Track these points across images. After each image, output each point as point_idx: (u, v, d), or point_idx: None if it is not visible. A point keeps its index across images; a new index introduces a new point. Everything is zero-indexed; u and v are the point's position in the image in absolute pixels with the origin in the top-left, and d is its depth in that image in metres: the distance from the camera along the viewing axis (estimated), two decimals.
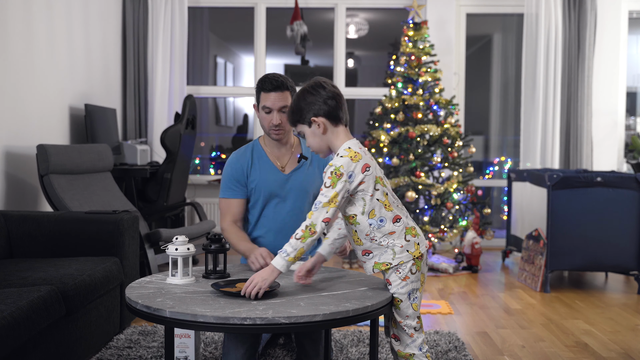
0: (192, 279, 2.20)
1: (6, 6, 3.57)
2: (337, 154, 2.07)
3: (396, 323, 2.13)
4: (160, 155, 5.42)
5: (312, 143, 2.13)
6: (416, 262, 2.08)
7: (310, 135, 2.12)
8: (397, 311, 2.10)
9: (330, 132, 2.10)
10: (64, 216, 3.11)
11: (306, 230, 1.98)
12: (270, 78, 2.55)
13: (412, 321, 2.11)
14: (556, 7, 5.57)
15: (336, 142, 2.10)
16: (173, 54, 5.64)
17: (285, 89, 2.55)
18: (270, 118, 2.54)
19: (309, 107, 2.09)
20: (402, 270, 2.07)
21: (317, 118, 2.08)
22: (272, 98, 2.53)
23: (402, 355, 2.13)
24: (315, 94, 2.10)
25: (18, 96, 3.71)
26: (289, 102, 2.53)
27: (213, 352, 2.89)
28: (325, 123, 2.09)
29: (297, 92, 2.16)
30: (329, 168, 2.03)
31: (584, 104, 5.59)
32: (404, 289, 2.08)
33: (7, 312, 1.98)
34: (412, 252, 2.07)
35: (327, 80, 2.16)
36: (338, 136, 2.11)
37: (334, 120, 2.10)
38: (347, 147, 2.07)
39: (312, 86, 2.12)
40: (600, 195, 4.19)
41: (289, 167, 2.64)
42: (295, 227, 2.19)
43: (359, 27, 7.19)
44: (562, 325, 3.46)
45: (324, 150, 2.14)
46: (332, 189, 1.99)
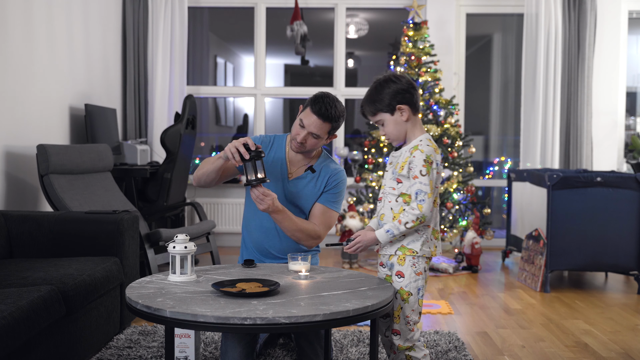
0: (193, 277, 2.20)
1: (6, 6, 3.57)
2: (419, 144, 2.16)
3: (400, 318, 2.19)
4: (160, 155, 5.43)
5: (392, 131, 2.21)
6: (428, 262, 2.21)
7: (391, 122, 2.20)
8: (405, 305, 2.18)
9: (412, 120, 2.20)
10: (64, 216, 3.11)
11: (417, 221, 2.11)
12: (324, 103, 2.52)
13: (416, 316, 2.20)
14: (556, 7, 5.57)
15: (414, 131, 2.21)
16: (173, 54, 5.64)
17: (328, 120, 2.53)
18: (299, 132, 2.55)
19: (393, 95, 2.17)
20: (418, 265, 2.19)
21: (403, 105, 2.17)
22: (311, 120, 2.53)
23: (403, 348, 2.20)
24: (398, 83, 2.18)
25: (18, 96, 3.71)
26: (324, 132, 2.55)
27: (213, 352, 2.89)
28: (409, 110, 2.18)
29: (375, 83, 2.22)
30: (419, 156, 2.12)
31: (584, 104, 5.59)
32: (415, 283, 2.18)
33: (7, 312, 1.98)
34: (431, 251, 2.20)
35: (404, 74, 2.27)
36: (416, 125, 2.22)
37: (416, 108, 2.21)
38: (427, 138, 2.19)
39: (394, 76, 2.20)
40: (600, 195, 4.19)
41: (296, 174, 2.66)
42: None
43: (359, 27, 7.19)
44: (562, 325, 3.46)
45: (401, 139, 2.22)
46: (428, 177, 2.12)
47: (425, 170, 2.11)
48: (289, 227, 2.54)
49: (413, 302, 2.19)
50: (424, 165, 2.11)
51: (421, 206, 2.10)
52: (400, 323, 2.19)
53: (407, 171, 2.16)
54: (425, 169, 2.11)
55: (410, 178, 2.15)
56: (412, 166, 2.14)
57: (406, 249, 2.18)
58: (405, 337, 2.20)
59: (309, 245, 2.63)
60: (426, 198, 2.10)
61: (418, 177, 2.11)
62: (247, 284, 2.05)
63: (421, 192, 2.11)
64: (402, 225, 2.12)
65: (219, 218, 5.89)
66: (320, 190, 2.64)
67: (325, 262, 5.17)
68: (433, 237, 2.21)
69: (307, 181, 2.65)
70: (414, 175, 2.13)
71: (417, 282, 2.18)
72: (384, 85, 2.19)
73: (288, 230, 2.56)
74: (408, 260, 2.18)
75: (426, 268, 2.20)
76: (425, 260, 2.19)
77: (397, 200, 2.19)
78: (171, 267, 2.20)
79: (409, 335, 2.20)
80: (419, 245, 2.17)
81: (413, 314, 2.19)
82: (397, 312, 2.20)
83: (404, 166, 2.17)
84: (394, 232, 2.13)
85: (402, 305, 2.19)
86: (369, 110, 2.23)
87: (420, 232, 2.17)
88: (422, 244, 2.18)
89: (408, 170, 2.15)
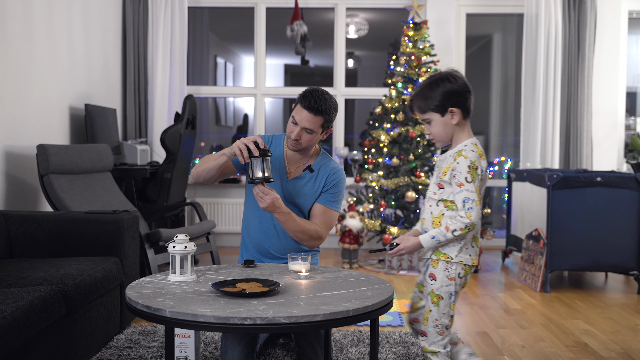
0: (193, 277, 2.20)
1: (6, 6, 3.57)
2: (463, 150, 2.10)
3: (428, 320, 2.16)
4: (160, 155, 5.43)
5: (439, 131, 2.14)
6: (467, 269, 2.15)
7: (440, 123, 2.13)
8: (434, 308, 2.14)
9: (461, 124, 2.13)
10: (64, 216, 3.11)
11: (465, 230, 2.05)
12: (313, 96, 2.52)
13: (447, 320, 2.16)
14: (556, 7, 5.57)
15: (461, 135, 2.14)
16: (173, 54, 5.64)
17: (319, 114, 2.52)
18: (293, 129, 2.55)
19: (449, 96, 2.10)
20: (451, 270, 2.13)
21: (455, 108, 2.10)
22: (303, 115, 2.52)
23: (427, 351, 2.17)
24: (454, 83, 2.11)
25: (18, 96, 3.71)
26: (317, 126, 2.53)
27: (213, 352, 2.89)
28: (460, 115, 2.11)
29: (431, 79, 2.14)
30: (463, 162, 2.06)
31: (584, 104, 5.59)
32: (447, 288, 2.14)
33: (7, 312, 1.98)
34: (472, 258, 2.14)
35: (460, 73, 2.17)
36: (464, 129, 2.15)
37: (467, 113, 2.14)
38: (473, 143, 2.12)
39: (452, 75, 2.12)
40: (600, 195, 4.19)
41: (294, 174, 2.66)
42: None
43: (359, 27, 7.19)
44: (562, 325, 3.46)
45: (446, 141, 2.17)
46: (474, 184, 2.05)
47: (470, 177, 2.05)
48: (291, 228, 2.55)
49: (443, 306, 2.14)
50: (469, 172, 2.05)
51: (470, 214, 2.04)
52: (428, 325, 2.16)
53: (450, 178, 2.10)
54: (470, 176, 2.05)
55: (454, 185, 2.09)
56: (455, 173, 2.08)
57: (441, 254, 2.13)
58: (432, 340, 2.17)
59: (310, 245, 2.63)
60: (474, 206, 2.05)
61: (464, 184, 2.05)
62: (247, 284, 2.05)
63: (468, 200, 2.05)
64: (450, 232, 2.06)
65: (219, 218, 5.89)
66: (319, 190, 2.64)
67: (325, 262, 5.17)
68: (475, 245, 2.16)
69: (305, 181, 2.65)
70: (458, 182, 2.07)
71: (449, 287, 2.14)
72: (438, 84, 2.11)
73: (291, 231, 2.56)
74: (441, 263, 2.14)
75: (462, 274, 2.14)
76: (463, 267, 2.13)
77: (437, 205, 2.15)
78: (171, 267, 2.20)
79: (436, 339, 2.16)
80: (455, 251, 2.12)
81: (443, 317, 2.15)
82: (426, 314, 2.16)
83: (446, 172, 2.11)
84: (439, 238, 2.08)
85: (431, 308, 2.15)
86: (418, 107, 2.15)
87: (459, 239, 2.12)
88: (459, 250, 2.12)
89: (451, 177, 2.10)
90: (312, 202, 2.65)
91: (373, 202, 5.16)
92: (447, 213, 2.10)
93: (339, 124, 6.07)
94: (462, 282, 2.15)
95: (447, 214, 2.10)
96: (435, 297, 2.15)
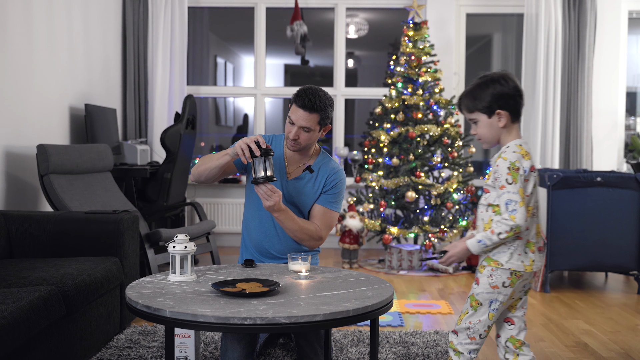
0: (193, 277, 2.20)
1: (6, 6, 3.57)
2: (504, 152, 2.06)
3: (462, 321, 2.12)
4: (160, 155, 5.43)
5: (485, 133, 2.11)
6: (512, 277, 2.06)
7: (486, 125, 2.10)
8: (472, 312, 2.10)
9: (508, 127, 2.10)
10: (64, 216, 3.11)
11: (510, 232, 1.99)
12: (306, 96, 2.52)
13: (482, 328, 2.10)
14: (556, 7, 5.57)
15: (508, 138, 2.11)
16: (173, 54, 5.64)
17: (314, 111, 2.51)
18: (290, 129, 2.55)
19: (497, 98, 2.07)
20: (496, 278, 2.07)
21: (503, 111, 2.07)
22: (299, 114, 2.52)
23: (453, 347, 2.14)
24: (505, 86, 2.07)
25: (18, 96, 3.71)
26: (314, 123, 2.53)
27: (213, 352, 2.89)
28: (508, 118, 2.08)
29: (481, 79, 2.11)
30: (503, 164, 2.02)
31: (584, 104, 5.59)
32: (488, 295, 2.08)
33: (7, 312, 1.98)
34: (524, 265, 2.05)
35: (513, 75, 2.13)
36: (512, 132, 2.11)
37: (516, 116, 2.11)
38: (518, 143, 2.08)
39: (503, 77, 2.08)
40: (600, 195, 4.19)
41: (294, 174, 2.66)
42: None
43: (359, 27, 7.19)
44: (562, 325, 3.46)
45: (493, 142, 2.13)
46: (516, 185, 2.00)
47: (511, 179, 2.00)
48: (291, 228, 2.54)
49: (481, 312, 2.09)
50: (509, 173, 2.00)
51: (514, 216, 1.98)
52: (461, 325, 2.12)
53: (493, 181, 2.06)
54: (510, 177, 2.00)
55: (497, 188, 2.04)
56: (497, 176, 2.04)
57: (491, 260, 2.07)
58: (460, 340, 2.12)
59: (310, 246, 2.63)
60: (518, 207, 1.98)
61: (505, 186, 2.00)
62: (247, 284, 2.05)
63: (511, 202, 1.99)
64: (495, 235, 2.00)
65: (219, 218, 5.89)
66: (318, 190, 2.64)
67: (325, 262, 5.17)
68: (529, 250, 2.07)
69: (305, 181, 2.65)
70: (500, 185, 2.02)
71: (491, 295, 2.07)
72: (489, 85, 2.07)
73: (290, 230, 2.56)
74: (487, 270, 2.08)
75: (507, 283, 2.05)
76: (509, 276, 2.05)
77: (486, 211, 2.10)
78: (171, 267, 2.20)
79: (464, 340, 2.11)
80: (505, 257, 2.05)
81: (479, 324, 2.09)
82: (463, 315, 2.13)
83: (490, 176, 2.08)
84: (486, 242, 2.02)
85: (468, 311, 2.11)
86: (466, 105, 2.12)
87: (508, 244, 2.05)
88: (509, 256, 2.05)
89: (494, 180, 2.06)
90: (311, 203, 2.65)
91: (373, 202, 5.16)
92: (495, 218, 2.05)
93: (338, 124, 6.07)
94: (508, 291, 2.06)
95: (495, 218, 2.05)
96: (474, 301, 2.10)
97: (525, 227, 2.01)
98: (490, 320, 2.10)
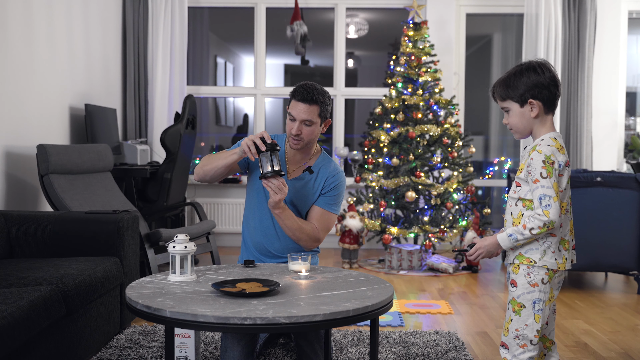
0: (194, 277, 2.20)
1: (6, 6, 3.57)
2: (539, 144, 1.99)
3: (509, 331, 2.03)
4: (160, 155, 5.43)
5: (516, 122, 2.04)
6: (550, 273, 2.00)
7: (518, 114, 2.02)
8: (516, 317, 2.01)
9: (541, 118, 2.02)
10: (64, 216, 3.11)
11: (544, 228, 1.93)
12: (303, 88, 2.54)
13: (531, 333, 2.01)
14: (556, 7, 5.57)
15: (541, 130, 2.03)
16: (173, 54, 5.64)
17: (314, 102, 2.53)
18: (292, 125, 2.56)
19: (530, 87, 1.99)
20: (534, 275, 2.00)
21: (535, 101, 2.00)
22: (299, 108, 2.54)
23: None
24: (541, 75, 2.00)
25: (18, 96, 3.71)
26: (314, 116, 2.54)
27: (213, 352, 2.89)
28: (540, 108, 2.00)
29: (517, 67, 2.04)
30: (537, 157, 1.95)
31: (584, 104, 5.59)
32: (530, 295, 2.00)
33: (7, 312, 1.98)
34: (558, 263, 2.00)
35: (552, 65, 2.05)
36: (545, 124, 2.03)
37: (550, 107, 2.03)
38: (553, 137, 2.00)
39: (540, 65, 2.01)
40: (600, 195, 4.19)
41: (294, 175, 2.66)
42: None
43: (359, 27, 7.18)
44: (562, 325, 3.46)
45: (525, 134, 2.06)
46: (550, 179, 1.93)
47: (545, 172, 1.93)
48: (290, 226, 2.55)
49: (526, 316, 2.00)
50: (544, 167, 1.93)
51: (547, 212, 1.91)
52: (508, 336, 2.03)
53: (526, 175, 1.99)
54: (545, 171, 1.93)
55: (530, 182, 1.97)
56: (530, 169, 1.96)
57: (523, 257, 2.00)
58: (513, 353, 2.03)
59: (307, 246, 2.64)
60: (552, 202, 1.92)
61: (539, 180, 1.93)
62: (247, 284, 2.05)
63: (545, 197, 1.92)
64: (527, 230, 1.94)
65: (219, 218, 5.89)
66: (318, 191, 2.64)
67: (325, 262, 5.17)
68: (562, 248, 2.01)
69: (304, 182, 2.65)
70: (534, 179, 1.95)
71: (532, 294, 1.99)
72: (524, 73, 2.00)
73: (289, 229, 2.56)
74: (522, 268, 2.00)
75: (545, 280, 1.99)
76: (546, 272, 1.99)
77: (516, 205, 2.04)
78: (171, 267, 2.20)
79: (517, 352, 2.02)
80: (538, 254, 1.98)
81: (526, 329, 2.00)
82: (507, 324, 2.04)
83: (522, 169, 2.02)
84: (517, 237, 1.96)
85: (512, 317, 2.02)
86: (499, 93, 2.05)
87: (541, 241, 1.98)
88: (542, 253, 1.98)
89: (527, 173, 1.99)
90: (310, 204, 2.65)
91: (373, 202, 5.16)
92: (526, 213, 1.99)
93: (339, 124, 6.07)
94: (547, 288, 2.00)
95: (526, 213, 1.99)
96: (516, 305, 2.02)
97: (559, 223, 1.96)
98: (538, 324, 2.00)
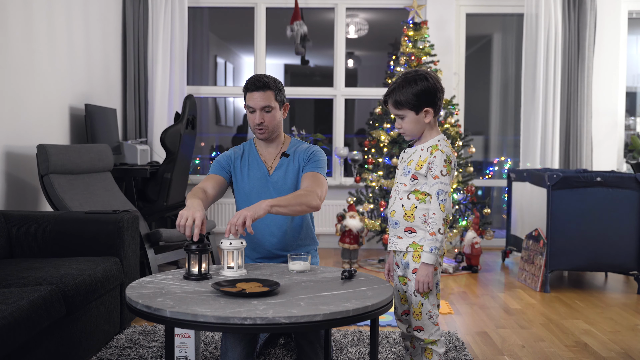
0: (245, 271, 2.27)
1: (6, 6, 3.57)
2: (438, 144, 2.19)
3: (422, 314, 2.21)
4: (160, 155, 5.43)
5: (411, 128, 2.22)
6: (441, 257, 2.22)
7: (413, 121, 2.21)
8: (425, 301, 2.20)
9: (430, 122, 2.21)
10: (64, 216, 3.11)
11: (445, 224, 2.14)
12: (254, 78, 2.61)
13: (437, 310, 2.23)
14: (556, 7, 5.57)
15: (431, 132, 2.23)
16: (173, 54, 5.64)
17: (267, 88, 2.59)
18: (253, 117, 2.61)
19: (426, 97, 2.18)
20: None
21: (429, 107, 2.19)
22: (255, 98, 2.59)
23: (429, 342, 2.23)
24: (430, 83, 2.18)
25: (18, 96, 3.71)
26: (272, 100, 2.60)
27: (213, 352, 2.89)
28: (432, 114, 2.20)
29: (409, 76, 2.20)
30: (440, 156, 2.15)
31: (584, 104, 5.59)
32: (434, 278, 2.19)
33: (8, 312, 1.98)
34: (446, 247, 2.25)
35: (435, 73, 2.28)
36: (434, 127, 2.24)
37: (437, 112, 2.23)
38: (444, 138, 2.23)
39: (428, 74, 2.20)
40: (600, 195, 4.19)
41: (273, 166, 2.69)
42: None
43: (359, 27, 7.18)
44: (562, 325, 3.46)
45: (417, 136, 2.25)
46: (448, 177, 2.15)
47: (445, 170, 2.14)
48: (291, 208, 2.40)
49: (433, 296, 2.21)
50: (445, 165, 2.15)
51: (443, 206, 2.13)
52: (423, 319, 2.22)
53: (426, 170, 2.18)
54: (445, 169, 2.14)
55: (429, 177, 2.17)
56: (432, 166, 2.16)
57: (417, 246, 2.20)
58: (429, 332, 2.23)
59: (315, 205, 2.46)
60: (447, 197, 2.14)
61: (439, 177, 2.14)
62: (247, 284, 2.06)
63: (442, 192, 2.14)
64: (437, 234, 2.13)
65: (219, 218, 5.89)
66: (301, 165, 2.67)
67: (325, 262, 5.17)
68: None
69: (285, 167, 2.68)
70: (434, 175, 2.15)
71: (435, 277, 2.20)
72: (417, 82, 2.18)
73: (292, 210, 2.41)
74: None
75: (440, 262, 2.22)
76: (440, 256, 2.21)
77: (408, 198, 2.21)
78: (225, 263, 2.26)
79: (433, 329, 2.23)
80: None
81: (434, 308, 2.22)
82: (418, 309, 2.22)
83: (422, 165, 2.18)
84: (435, 246, 2.14)
85: (422, 302, 2.21)
86: (393, 102, 2.22)
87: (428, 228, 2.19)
88: None
89: (427, 169, 2.18)
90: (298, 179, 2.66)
91: (373, 202, 5.16)
92: (419, 206, 2.18)
93: (338, 124, 6.07)
94: (440, 270, 2.24)
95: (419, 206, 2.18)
96: None
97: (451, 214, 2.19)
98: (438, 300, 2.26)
